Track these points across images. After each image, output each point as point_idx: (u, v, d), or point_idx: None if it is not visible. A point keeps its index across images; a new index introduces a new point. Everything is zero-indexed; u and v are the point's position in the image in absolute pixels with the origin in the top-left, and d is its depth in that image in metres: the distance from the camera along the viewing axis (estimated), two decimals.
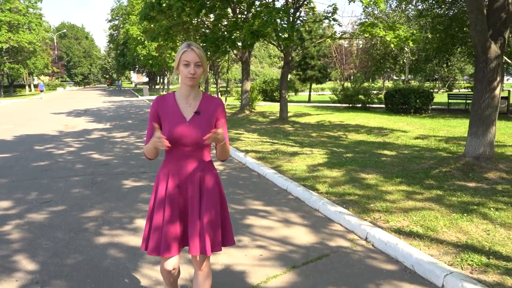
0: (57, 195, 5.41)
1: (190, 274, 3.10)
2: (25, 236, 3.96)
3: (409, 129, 11.21)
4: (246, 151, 8.11)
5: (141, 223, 4.28)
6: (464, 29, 13.35)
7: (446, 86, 33.99)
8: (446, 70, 25.20)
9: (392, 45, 11.99)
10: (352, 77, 25.61)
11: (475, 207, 4.29)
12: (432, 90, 34.97)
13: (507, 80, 59.69)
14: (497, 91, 5.85)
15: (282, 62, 38.68)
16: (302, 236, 3.89)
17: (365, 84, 22.19)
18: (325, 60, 24.93)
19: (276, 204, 4.90)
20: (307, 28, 20.63)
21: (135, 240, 3.81)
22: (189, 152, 2.16)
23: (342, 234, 3.93)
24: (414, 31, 12.18)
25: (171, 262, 2.22)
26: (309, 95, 26.10)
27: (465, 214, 4.07)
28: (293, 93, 29.88)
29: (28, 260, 3.44)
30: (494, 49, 5.74)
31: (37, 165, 7.37)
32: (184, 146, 2.14)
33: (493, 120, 5.86)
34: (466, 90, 36.26)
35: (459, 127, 11.50)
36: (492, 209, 4.21)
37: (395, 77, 44.18)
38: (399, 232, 3.74)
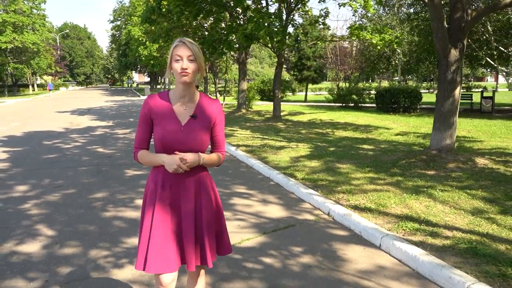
0: (67, 181, 6.17)
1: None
2: (42, 212, 4.71)
3: (393, 127, 11.94)
4: (238, 145, 8.86)
5: (141, 202, 5.02)
6: None
7: None
8: (438, 71, 25.87)
9: (378, 47, 12.73)
10: (349, 78, 26.33)
11: (425, 189, 5.04)
12: (428, 90, 35.54)
13: (506, 80, 60.27)
14: (457, 91, 6.59)
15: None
16: (276, 212, 4.64)
17: (360, 85, 22.95)
18: (321, 61, 25.68)
19: (258, 188, 5.64)
20: (301, 31, 21.36)
21: (136, 214, 4.56)
22: None
23: (309, 211, 4.67)
24: (398, 34, 12.90)
25: (169, 277, 2.02)
26: (305, 95, 26.86)
27: (414, 194, 4.82)
28: (291, 93, 30.63)
29: (47, 228, 4.19)
30: (454, 54, 6.48)
31: (47, 157, 8.13)
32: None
33: (454, 117, 6.59)
34: (462, 91, 36.91)
35: None
36: (438, 190, 4.95)
37: (395, 78, 44.97)
38: (355, 207, 4.48)
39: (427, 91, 36.62)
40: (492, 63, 15.28)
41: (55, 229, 4.15)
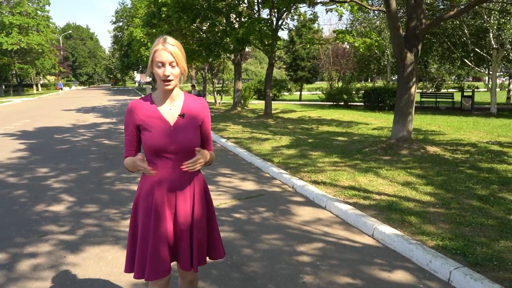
0: (80, 165, 7.30)
1: None
2: (63, 186, 5.84)
3: (373, 122, 13.04)
4: (228, 138, 9.99)
5: None
6: (427, 36, 15.19)
7: (434, 86, 35.67)
8: (425, 71, 26.89)
9: (361, 50, 13.84)
10: (344, 78, 27.43)
11: (375, 169, 6.15)
12: (422, 90, 36.50)
13: (505, 80, 61.17)
14: (413, 89, 7.69)
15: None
16: (250, 186, 5.76)
17: (353, 85, 24.06)
18: (314, 61, 26.82)
19: (240, 170, 6.77)
20: (295, 33, 22.48)
21: None
22: (175, 160, 1.96)
23: (278, 185, 5.79)
24: (378, 38, 13.99)
25: (163, 282, 2.06)
26: (300, 94, 28.02)
27: (364, 173, 5.93)
28: (287, 93, 31.76)
29: (69, 196, 5.31)
30: (410, 57, 7.59)
31: (60, 148, 9.26)
32: (170, 154, 1.94)
33: (410, 112, 7.70)
34: (455, 90, 37.92)
35: (416, 120, 13.33)
36: (384, 170, 6.06)
37: (393, 78, 46.06)
38: (314, 182, 5.59)
39: (420, 90, 37.54)
40: (470, 64, 16.35)
41: (75, 197, 5.27)
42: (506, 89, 23.60)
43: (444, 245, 3.40)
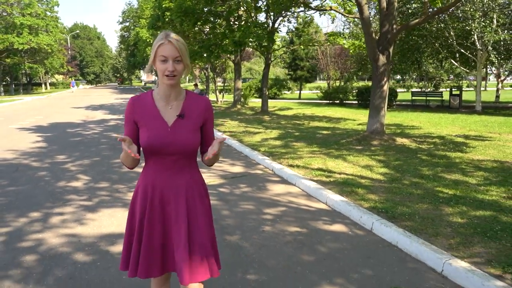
0: (92, 153, 8.38)
1: None
2: (79, 169, 6.91)
3: (361, 119, 14.00)
4: (224, 132, 11.03)
5: None
6: (414, 37, 16.14)
7: (432, 85, 36.46)
8: (418, 71, 27.76)
9: (351, 51, 14.81)
10: (342, 77, 28.34)
11: (344, 156, 7.16)
12: (420, 89, 37.23)
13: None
14: (385, 87, 8.67)
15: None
16: (237, 169, 6.80)
17: (354, 83, 24.98)
18: (313, 61, 27.80)
19: (230, 157, 7.80)
20: (295, 34, 23.47)
21: None
22: (173, 161, 1.89)
23: (261, 169, 6.82)
24: None
25: (161, 279, 2.04)
26: (299, 93, 29.05)
27: (334, 159, 6.94)
28: (287, 91, 32.75)
29: (84, 175, 6.38)
30: (382, 59, 8.57)
31: (73, 140, 10.36)
32: (167, 155, 1.87)
33: (382, 107, 8.69)
34: (448, 90, 38.61)
35: (401, 117, 14.30)
36: (352, 156, 7.07)
37: (396, 77, 47.26)
38: (290, 165, 6.61)
39: (419, 89, 38.28)
40: (456, 64, 17.27)
41: (90, 176, 6.35)
42: (495, 88, 24.35)
43: (375, 206, 4.41)
